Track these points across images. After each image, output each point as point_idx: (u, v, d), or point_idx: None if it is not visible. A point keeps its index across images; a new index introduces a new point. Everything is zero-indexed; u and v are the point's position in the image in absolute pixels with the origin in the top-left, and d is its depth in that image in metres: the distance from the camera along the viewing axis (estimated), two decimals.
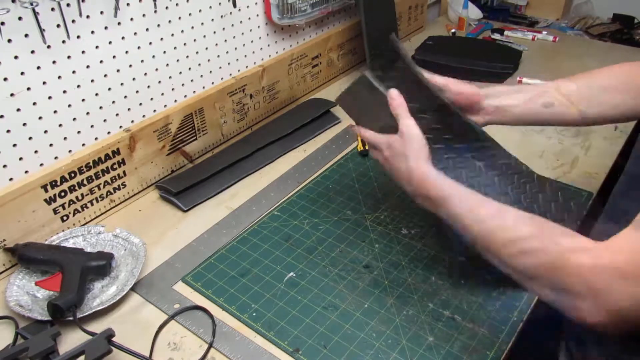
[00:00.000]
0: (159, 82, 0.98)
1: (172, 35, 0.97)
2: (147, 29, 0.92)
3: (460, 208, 0.65)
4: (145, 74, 0.95)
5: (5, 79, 0.76)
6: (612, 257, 0.50)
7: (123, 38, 0.89)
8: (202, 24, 1.02)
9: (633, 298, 0.48)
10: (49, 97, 0.82)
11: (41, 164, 0.84)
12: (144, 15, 0.90)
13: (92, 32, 0.84)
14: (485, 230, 0.62)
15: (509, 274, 0.60)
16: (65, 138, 0.86)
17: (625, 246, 0.50)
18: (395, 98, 0.73)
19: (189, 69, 1.03)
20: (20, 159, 0.81)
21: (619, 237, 0.52)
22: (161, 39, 0.95)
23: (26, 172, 0.83)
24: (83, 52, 0.84)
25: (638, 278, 0.48)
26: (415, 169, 0.70)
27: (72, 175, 0.87)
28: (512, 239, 0.59)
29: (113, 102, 0.91)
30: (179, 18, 0.97)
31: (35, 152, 0.83)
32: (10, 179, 0.81)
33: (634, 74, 0.76)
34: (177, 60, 1.00)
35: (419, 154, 0.71)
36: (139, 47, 0.92)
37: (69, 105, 0.85)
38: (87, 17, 0.82)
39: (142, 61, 0.93)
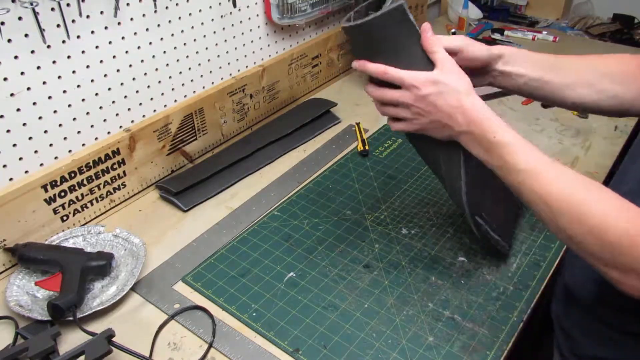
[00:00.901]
0: (159, 82, 0.98)
1: (172, 35, 0.97)
2: (147, 29, 0.92)
3: (526, 163, 0.60)
4: (145, 74, 0.95)
5: (5, 79, 0.76)
6: None
7: (123, 38, 0.89)
8: (202, 24, 1.02)
9: None
10: (49, 97, 0.82)
11: (41, 164, 0.84)
12: (144, 15, 0.90)
13: (92, 32, 0.84)
14: (553, 194, 0.58)
15: (562, 236, 0.59)
16: (65, 138, 0.86)
17: None
18: (430, 35, 0.66)
19: (189, 69, 1.03)
20: (20, 159, 0.81)
21: None
22: (161, 39, 0.95)
23: (26, 172, 0.83)
24: (83, 52, 0.84)
25: None
26: (472, 104, 0.64)
27: (72, 175, 0.87)
28: (582, 207, 0.56)
29: (113, 102, 0.91)
30: (179, 18, 0.97)
31: (35, 152, 0.83)
32: (10, 179, 0.81)
33: (634, 66, 0.74)
34: (177, 60, 1.00)
35: (470, 90, 0.65)
36: (139, 47, 0.92)
37: (69, 105, 0.85)
38: (87, 17, 0.82)
39: (142, 61, 0.93)
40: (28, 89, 0.79)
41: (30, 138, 0.81)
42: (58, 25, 0.79)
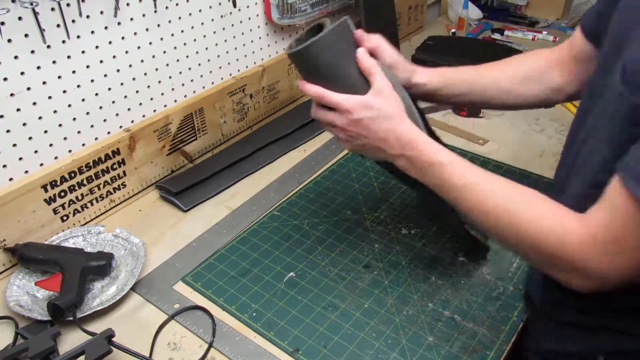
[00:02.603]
0: (159, 82, 0.98)
1: (172, 35, 0.97)
2: (147, 29, 0.92)
3: (461, 179, 0.62)
4: (145, 74, 0.95)
5: (5, 79, 0.76)
6: (591, 237, 0.53)
7: (123, 38, 0.89)
8: (202, 24, 1.02)
9: (615, 266, 0.52)
10: (49, 97, 0.82)
11: (41, 164, 0.84)
12: (144, 15, 0.90)
13: (92, 32, 0.84)
14: (488, 207, 0.60)
15: (504, 245, 0.62)
16: (65, 138, 0.86)
17: (600, 223, 0.53)
18: (365, 59, 0.67)
19: (189, 69, 1.03)
20: (20, 159, 0.81)
21: (592, 215, 0.54)
22: (161, 39, 0.95)
23: (26, 172, 0.83)
24: (83, 52, 0.84)
25: (615, 249, 0.51)
26: (403, 129, 0.66)
27: (72, 175, 0.87)
28: (516, 219, 0.58)
29: (113, 102, 0.91)
30: (179, 18, 0.97)
31: (35, 152, 0.83)
32: (10, 179, 0.81)
33: (547, 62, 0.80)
34: (177, 60, 1.00)
35: (403, 114, 0.67)
36: (139, 47, 0.92)
37: (69, 105, 0.85)
38: (87, 17, 0.82)
39: (142, 61, 0.93)
40: (28, 89, 0.79)
41: (30, 138, 0.81)
42: (58, 25, 0.79)
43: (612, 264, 0.52)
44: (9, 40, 0.74)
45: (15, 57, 0.76)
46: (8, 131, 0.78)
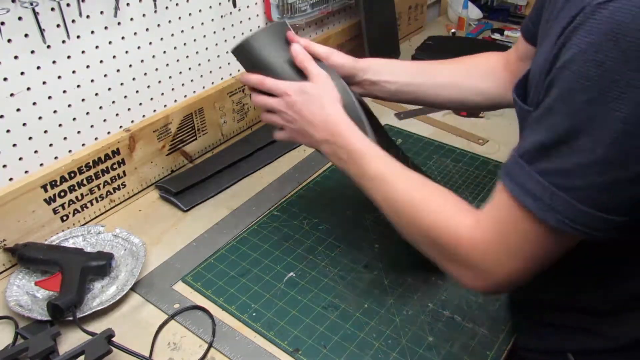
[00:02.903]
0: (159, 82, 0.98)
1: (172, 35, 0.97)
2: (147, 29, 0.92)
3: (376, 170, 0.65)
4: (145, 74, 0.95)
5: (5, 79, 0.76)
6: (479, 235, 0.54)
7: (123, 38, 0.89)
8: (202, 24, 1.01)
9: (502, 266, 0.53)
10: (49, 97, 0.82)
11: (41, 164, 0.84)
12: (144, 15, 0.90)
13: (92, 32, 0.84)
14: (396, 197, 0.62)
15: (408, 238, 0.63)
16: (65, 138, 0.86)
17: (487, 221, 0.54)
18: (300, 52, 0.72)
19: (189, 69, 1.03)
20: (20, 159, 0.81)
21: (482, 214, 0.55)
22: (161, 39, 0.95)
23: (26, 172, 0.83)
24: (83, 52, 0.84)
25: (500, 248, 0.53)
26: (333, 115, 0.69)
27: (72, 175, 0.87)
28: (417, 211, 0.60)
29: (113, 102, 0.91)
30: (179, 18, 0.97)
31: (35, 152, 0.83)
32: (10, 179, 0.81)
33: (500, 64, 0.82)
34: (177, 60, 1.00)
35: (335, 102, 0.70)
36: (139, 47, 0.92)
37: (69, 105, 0.85)
38: (87, 17, 0.82)
39: (142, 61, 0.93)
40: (28, 89, 0.79)
41: (30, 138, 0.81)
42: (58, 25, 0.79)
43: (498, 262, 0.53)
44: (9, 40, 0.74)
45: (15, 57, 0.76)
46: (8, 131, 0.78)
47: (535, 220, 0.49)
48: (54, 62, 0.80)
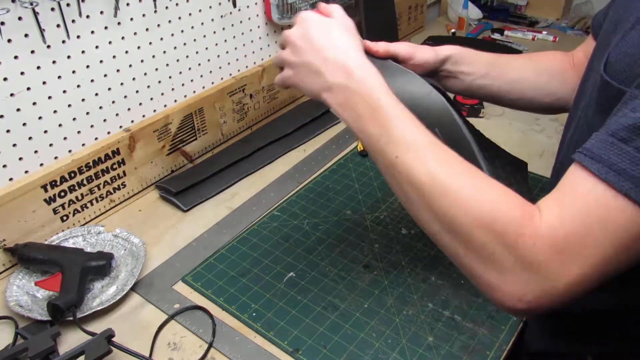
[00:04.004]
0: (159, 82, 0.98)
1: (172, 35, 0.97)
2: (147, 29, 0.92)
3: (412, 135, 0.51)
4: (145, 74, 0.95)
5: (5, 79, 0.76)
6: (553, 228, 0.44)
7: (123, 38, 0.89)
8: (202, 24, 1.02)
9: (567, 270, 0.44)
10: (49, 97, 0.82)
11: (41, 164, 0.84)
12: (144, 15, 0.90)
13: (92, 32, 0.84)
14: (436, 173, 0.49)
15: (430, 230, 0.52)
16: (65, 138, 0.86)
17: (564, 212, 0.45)
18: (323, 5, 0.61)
19: (189, 69, 1.03)
20: (20, 159, 0.81)
21: (554, 204, 0.46)
22: (161, 39, 0.95)
23: (26, 172, 0.83)
24: (83, 52, 0.84)
25: (575, 252, 0.43)
26: (356, 54, 0.55)
27: (72, 175, 0.87)
28: (472, 197, 0.48)
29: (113, 102, 0.91)
30: (179, 18, 0.97)
31: (35, 152, 0.83)
32: (10, 179, 0.81)
33: (567, 64, 0.77)
34: (177, 60, 1.00)
35: (356, 39, 0.57)
36: (139, 47, 0.92)
37: (69, 105, 0.85)
38: (87, 17, 0.82)
39: (142, 61, 0.93)
40: (28, 89, 0.79)
41: (30, 138, 0.81)
42: (58, 25, 0.79)
43: (564, 266, 0.43)
44: (9, 40, 0.74)
45: (15, 57, 0.76)
46: (8, 131, 0.78)
47: (633, 209, 0.40)
48: (54, 62, 0.80)
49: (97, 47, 0.85)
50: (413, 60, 0.68)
